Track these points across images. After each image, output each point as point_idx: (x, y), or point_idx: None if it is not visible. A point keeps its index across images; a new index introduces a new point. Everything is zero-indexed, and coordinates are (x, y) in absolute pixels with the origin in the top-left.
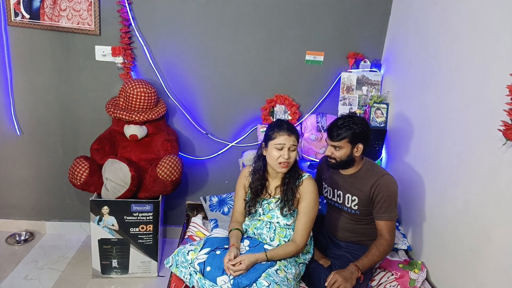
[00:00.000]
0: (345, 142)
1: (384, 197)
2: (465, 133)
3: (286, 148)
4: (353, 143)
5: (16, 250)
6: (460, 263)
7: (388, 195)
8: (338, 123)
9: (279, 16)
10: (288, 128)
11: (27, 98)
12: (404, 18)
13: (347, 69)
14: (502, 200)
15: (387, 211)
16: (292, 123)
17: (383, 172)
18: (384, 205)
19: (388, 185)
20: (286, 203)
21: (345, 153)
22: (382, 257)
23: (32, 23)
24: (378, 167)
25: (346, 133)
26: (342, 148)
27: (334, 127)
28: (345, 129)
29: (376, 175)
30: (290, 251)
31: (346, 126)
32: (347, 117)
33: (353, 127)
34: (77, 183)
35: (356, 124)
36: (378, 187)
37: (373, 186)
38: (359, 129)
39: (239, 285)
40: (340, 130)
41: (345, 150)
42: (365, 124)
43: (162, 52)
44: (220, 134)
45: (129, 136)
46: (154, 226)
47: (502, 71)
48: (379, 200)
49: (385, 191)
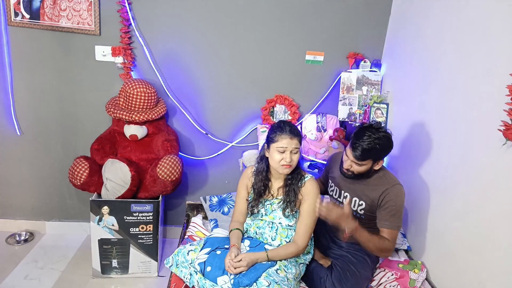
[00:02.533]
0: (369, 161)
1: (392, 206)
2: (465, 133)
3: (288, 151)
4: (376, 160)
5: (16, 250)
6: (460, 263)
7: (396, 204)
8: (365, 143)
9: (279, 16)
10: (291, 131)
11: (27, 98)
12: (404, 18)
13: (347, 69)
14: (502, 200)
15: (393, 220)
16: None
17: (395, 182)
18: (390, 213)
19: (398, 195)
20: (289, 204)
21: (365, 168)
22: (374, 250)
23: (32, 23)
24: (390, 174)
25: (371, 154)
26: (364, 165)
27: (359, 148)
28: (372, 151)
29: (387, 183)
30: (291, 252)
31: (373, 147)
32: (373, 133)
33: (379, 148)
34: (77, 183)
35: (382, 144)
36: (388, 196)
37: (383, 194)
38: (384, 148)
39: (240, 284)
40: (366, 153)
41: (366, 166)
42: (390, 140)
43: (162, 52)
44: (220, 134)
45: (129, 136)
46: (154, 226)
47: (502, 71)
48: (386, 208)
49: (394, 200)
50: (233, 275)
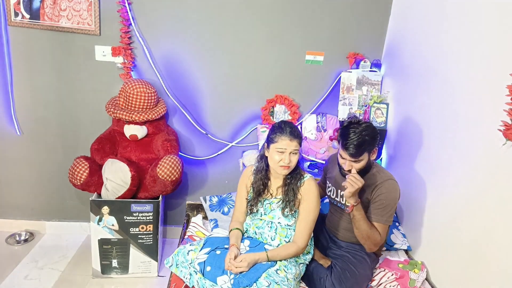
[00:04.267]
0: (365, 154)
1: (382, 199)
2: (465, 133)
3: (287, 153)
4: (370, 151)
5: (16, 250)
6: (460, 263)
7: (387, 198)
8: (354, 140)
9: (279, 16)
10: (291, 133)
11: (27, 98)
12: (404, 19)
13: (347, 69)
14: (502, 200)
15: (382, 214)
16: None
17: (389, 177)
18: (379, 207)
19: (390, 190)
20: (288, 204)
21: (365, 162)
22: (364, 237)
23: (32, 23)
24: (384, 171)
25: (364, 147)
26: (362, 160)
27: (351, 146)
28: (364, 144)
29: (380, 179)
30: (291, 251)
31: (363, 140)
32: (357, 128)
33: (368, 139)
34: (77, 183)
35: (369, 134)
36: (379, 190)
37: (375, 188)
38: (372, 137)
39: (240, 285)
40: (359, 148)
41: (364, 160)
42: (374, 128)
43: (162, 52)
44: (220, 134)
45: (129, 136)
46: (154, 226)
47: (502, 71)
48: (376, 201)
49: (385, 194)
50: (233, 275)
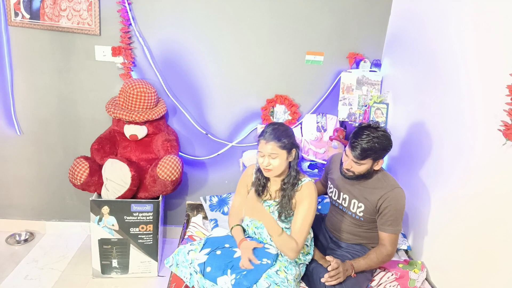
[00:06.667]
0: (368, 160)
1: (391, 210)
2: (465, 133)
3: (266, 156)
4: (376, 159)
5: (16, 250)
6: (460, 263)
7: (396, 209)
8: (364, 142)
9: (279, 16)
10: (268, 136)
11: (27, 98)
12: (404, 18)
13: (347, 69)
14: (502, 200)
15: (393, 224)
16: (287, 125)
17: (394, 185)
18: (390, 219)
19: (397, 199)
20: (283, 210)
21: (366, 168)
22: (378, 265)
23: (32, 23)
24: (389, 177)
25: (371, 152)
26: (364, 164)
27: (359, 147)
28: (371, 150)
29: (386, 187)
30: (291, 247)
31: (372, 146)
32: (372, 132)
33: (378, 146)
34: (77, 183)
35: (380, 143)
36: (387, 200)
37: (382, 198)
38: (383, 146)
39: (240, 286)
40: (365, 152)
41: (366, 166)
42: (389, 139)
43: (162, 52)
44: (220, 134)
45: (129, 136)
46: (154, 226)
47: (502, 71)
48: (386, 213)
49: (394, 205)
50: (234, 275)
